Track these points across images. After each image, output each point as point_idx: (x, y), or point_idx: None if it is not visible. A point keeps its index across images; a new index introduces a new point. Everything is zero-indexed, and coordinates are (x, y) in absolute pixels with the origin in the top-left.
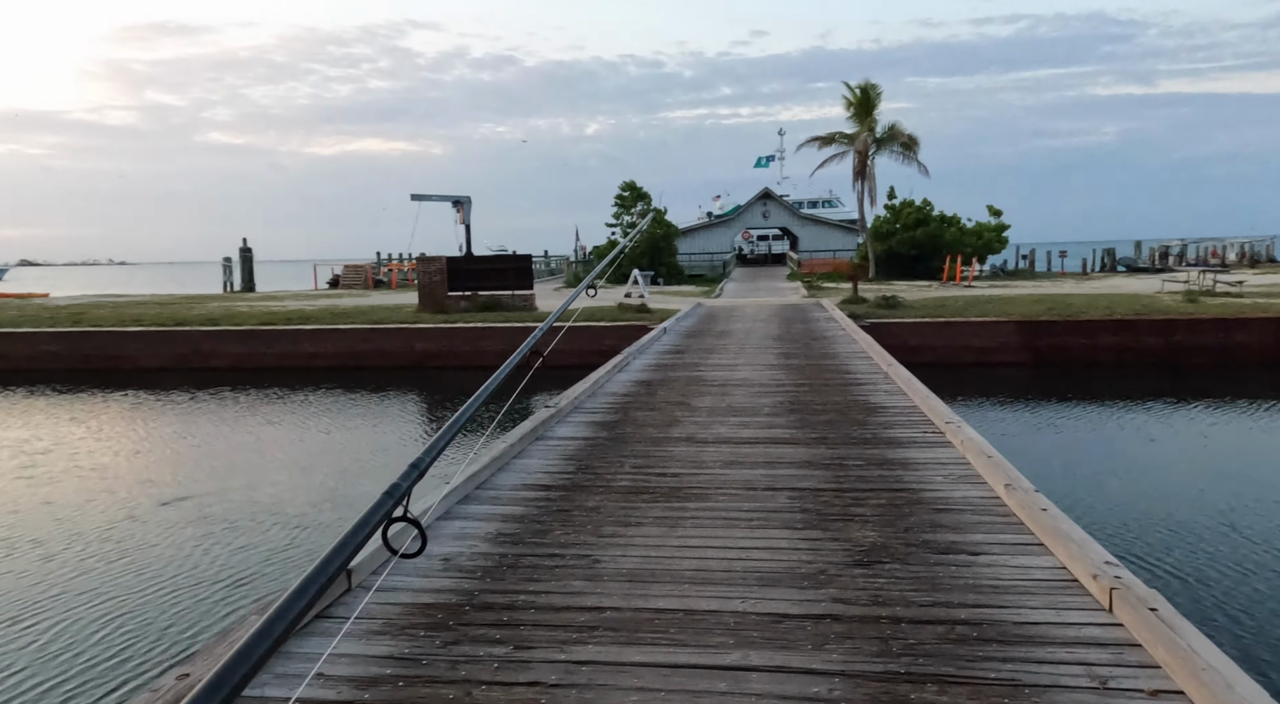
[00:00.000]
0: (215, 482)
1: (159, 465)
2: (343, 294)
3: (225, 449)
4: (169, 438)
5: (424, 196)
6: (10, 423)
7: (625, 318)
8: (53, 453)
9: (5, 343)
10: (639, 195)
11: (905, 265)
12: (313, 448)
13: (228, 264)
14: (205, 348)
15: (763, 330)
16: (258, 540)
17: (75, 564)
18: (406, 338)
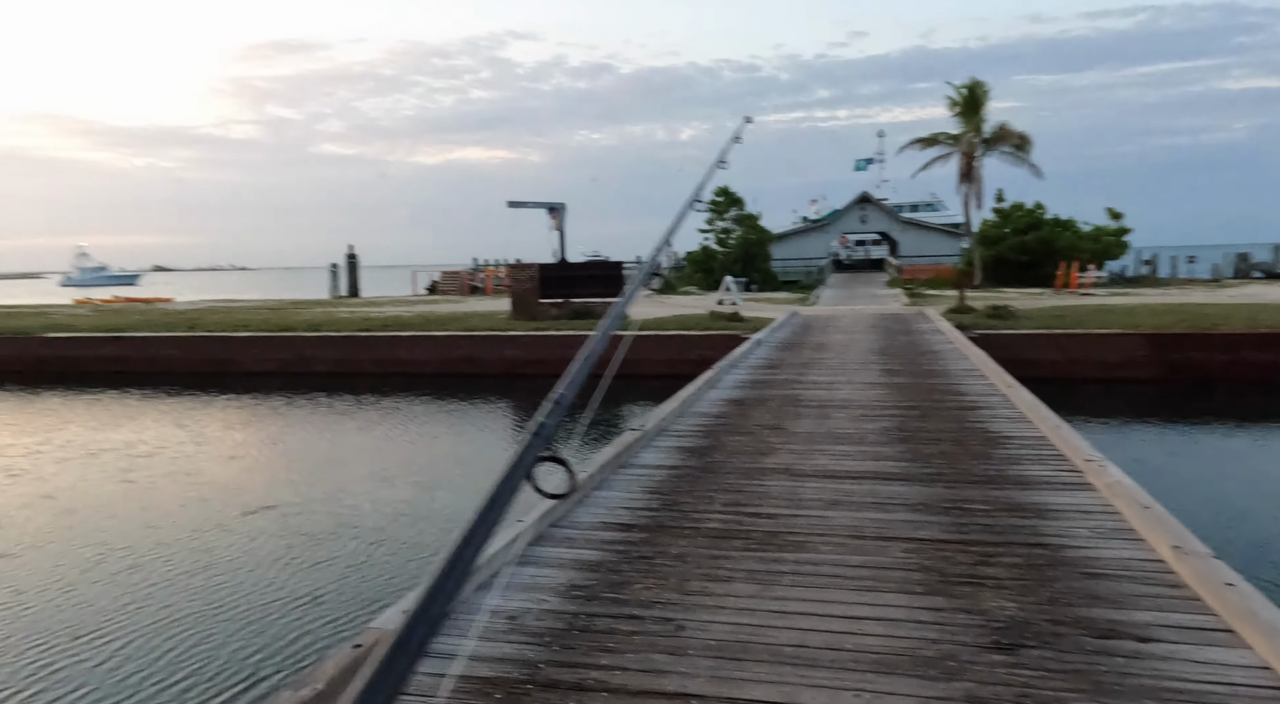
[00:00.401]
0: (299, 491)
1: (248, 472)
2: (439, 300)
3: (313, 457)
4: (262, 443)
5: (520, 203)
6: (121, 425)
7: (717, 327)
8: (153, 457)
9: (126, 347)
10: (732, 200)
11: (1014, 272)
12: (396, 458)
13: (335, 270)
14: (307, 353)
15: (864, 342)
16: (335, 553)
17: (159, 573)
18: (497, 345)
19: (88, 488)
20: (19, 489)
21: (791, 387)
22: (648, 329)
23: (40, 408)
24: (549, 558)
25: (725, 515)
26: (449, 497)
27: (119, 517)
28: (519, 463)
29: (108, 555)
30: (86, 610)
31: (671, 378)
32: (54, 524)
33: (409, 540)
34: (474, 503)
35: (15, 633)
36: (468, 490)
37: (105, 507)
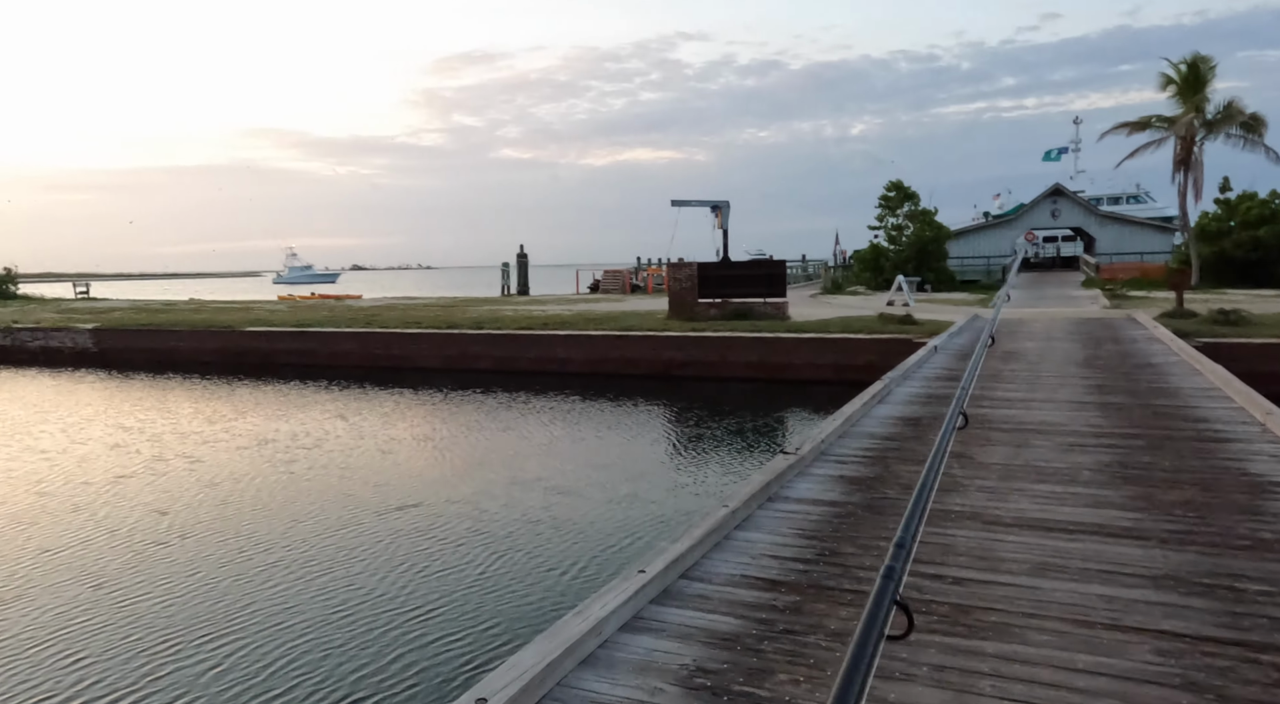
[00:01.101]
0: (438, 491)
1: (394, 468)
2: (600, 299)
3: (458, 456)
4: (414, 439)
5: (683, 202)
6: (292, 416)
7: (887, 330)
8: (312, 450)
9: (311, 341)
10: (906, 195)
11: (1241, 270)
12: (543, 460)
13: (505, 269)
14: (471, 351)
15: (1062, 351)
16: (462, 560)
17: (294, 573)
18: (654, 346)
19: (249, 477)
20: (190, 477)
21: (978, 404)
22: (808, 331)
23: (230, 396)
24: (672, 624)
25: None
26: (588, 505)
27: (270, 509)
28: (876, 607)
29: (252, 548)
30: (220, 604)
31: (833, 385)
32: (210, 514)
33: (542, 549)
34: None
35: (151, 620)
36: (605, 498)
37: (259, 499)
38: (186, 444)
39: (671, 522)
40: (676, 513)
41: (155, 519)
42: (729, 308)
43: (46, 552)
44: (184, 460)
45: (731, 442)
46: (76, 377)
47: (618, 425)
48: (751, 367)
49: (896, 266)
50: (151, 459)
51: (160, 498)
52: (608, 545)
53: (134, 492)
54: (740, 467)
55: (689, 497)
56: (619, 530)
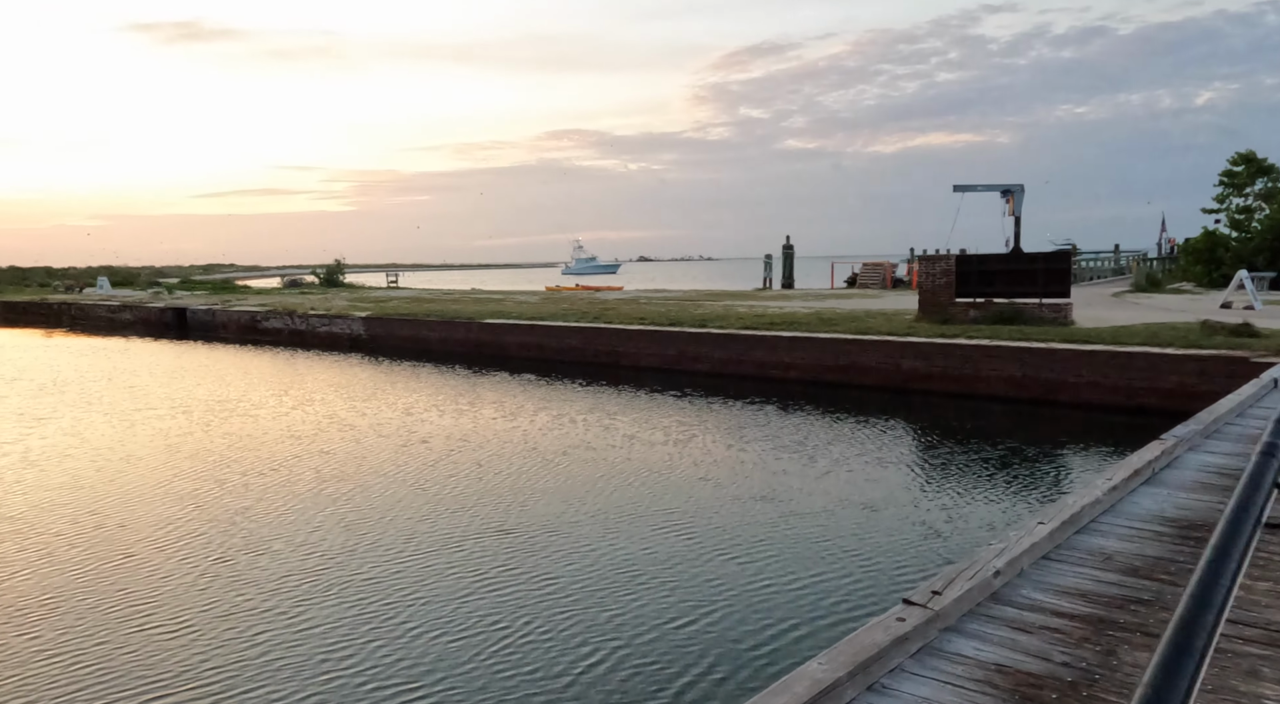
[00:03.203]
0: (567, 513)
1: (553, 478)
2: (851, 295)
3: (625, 471)
4: (589, 448)
5: (968, 187)
6: (484, 408)
7: (1211, 343)
8: (485, 446)
9: (540, 335)
10: (1260, 169)
11: None
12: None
13: (768, 261)
14: (690, 351)
15: None
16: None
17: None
18: (890, 353)
19: (412, 477)
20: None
21: None
22: (1093, 341)
23: (450, 385)
24: None
25: None
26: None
27: (418, 514)
28: (1252, 490)
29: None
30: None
31: (1125, 413)
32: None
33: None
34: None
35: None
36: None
37: (407, 500)
38: (380, 437)
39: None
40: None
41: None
42: (993, 309)
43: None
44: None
45: (960, 486)
46: (344, 362)
47: (827, 449)
48: (1012, 383)
49: (1240, 259)
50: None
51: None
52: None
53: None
54: (949, 538)
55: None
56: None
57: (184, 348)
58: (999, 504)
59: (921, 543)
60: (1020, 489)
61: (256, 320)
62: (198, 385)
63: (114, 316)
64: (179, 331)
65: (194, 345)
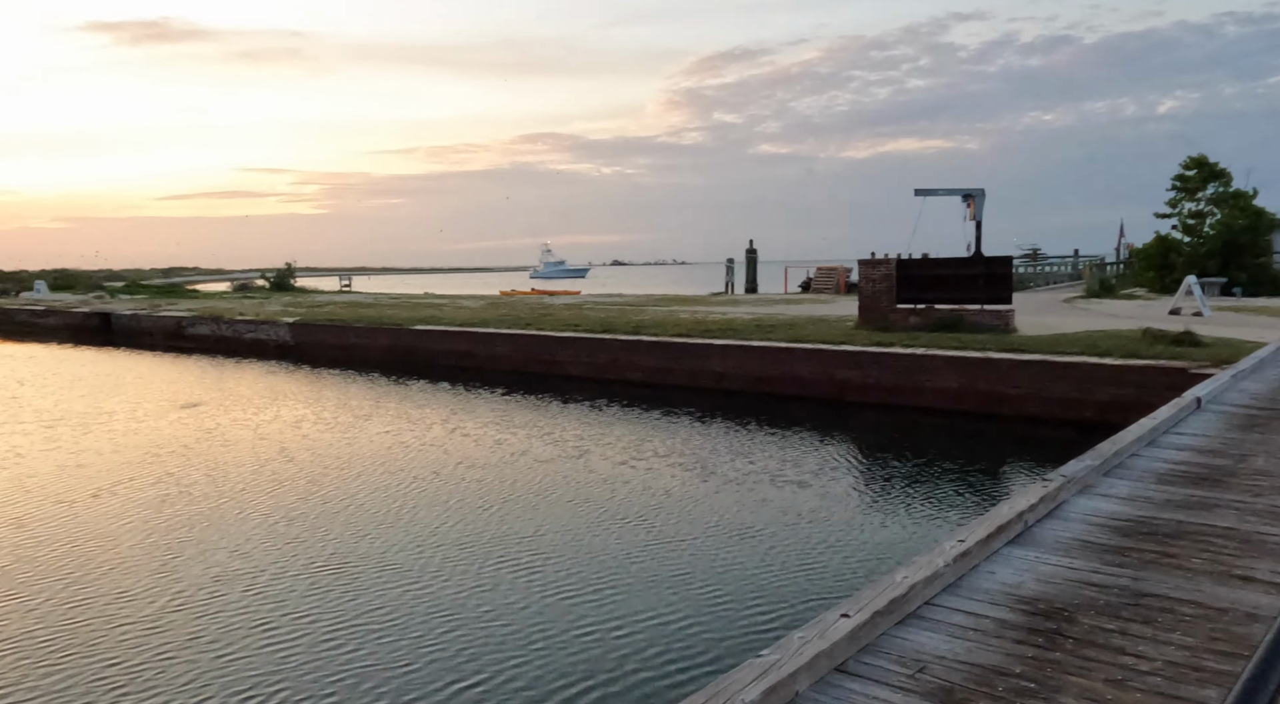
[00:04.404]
0: (464, 528)
1: (451, 500)
2: (804, 300)
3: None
4: (471, 465)
5: (929, 191)
6: (378, 423)
7: (1150, 353)
8: (352, 463)
9: (470, 342)
10: (1212, 173)
11: None
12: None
13: (730, 265)
14: (621, 359)
15: None
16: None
17: None
18: (824, 362)
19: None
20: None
21: (1243, 536)
22: (1032, 350)
23: (358, 394)
24: None
25: None
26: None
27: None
28: None
29: None
30: None
31: (1066, 426)
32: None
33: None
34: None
35: None
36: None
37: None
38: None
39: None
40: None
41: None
42: (934, 316)
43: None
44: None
45: (873, 511)
46: (262, 370)
47: (729, 461)
48: (949, 395)
49: (1192, 264)
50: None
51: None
52: None
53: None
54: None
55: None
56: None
57: (101, 355)
58: (912, 528)
59: (798, 576)
60: (937, 512)
61: (182, 326)
62: (82, 397)
63: (37, 321)
64: (104, 337)
65: (114, 352)
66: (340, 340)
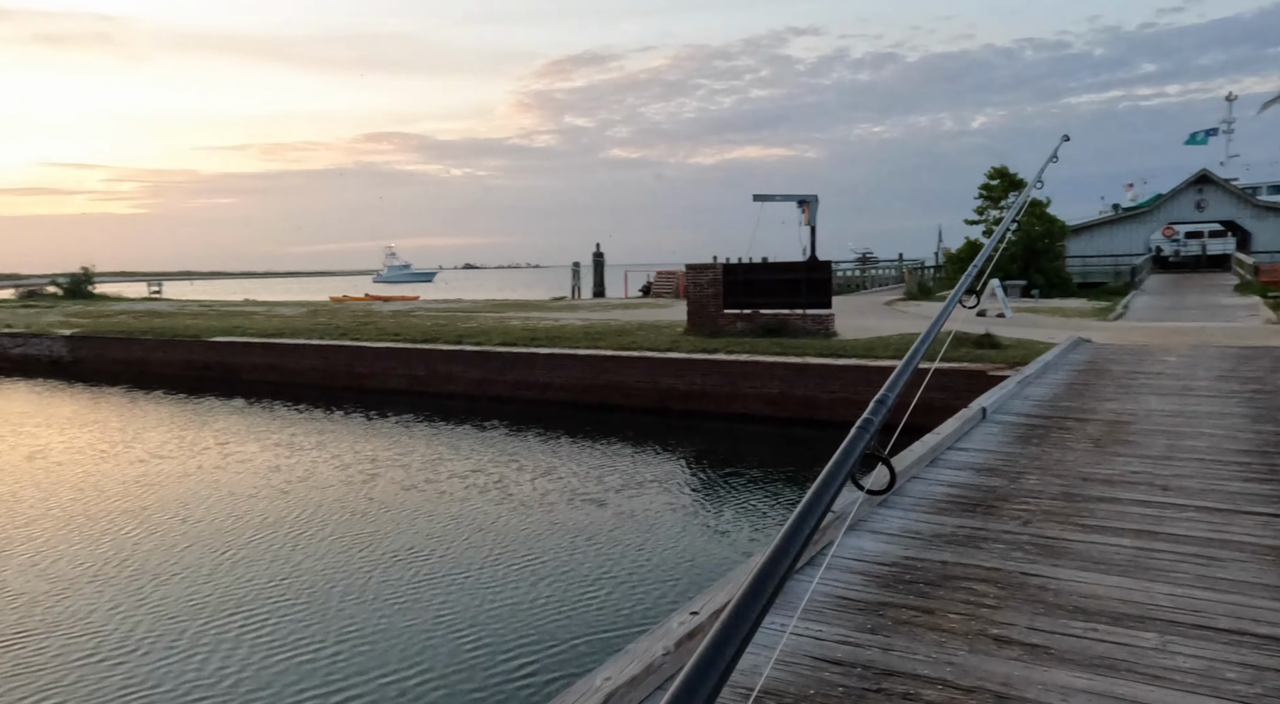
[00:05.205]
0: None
1: (191, 541)
2: (641, 304)
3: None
4: (266, 492)
5: (766, 197)
6: (168, 446)
7: (955, 354)
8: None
9: (276, 355)
10: (1012, 183)
11: None
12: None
13: (576, 269)
14: (442, 371)
15: (1214, 416)
16: None
17: None
18: (649, 370)
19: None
20: None
21: (1043, 564)
22: (848, 354)
23: (132, 415)
24: None
25: None
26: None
27: None
28: (847, 453)
29: None
30: None
31: (882, 430)
32: None
33: None
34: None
35: None
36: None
37: None
38: None
39: None
40: None
41: None
42: (759, 321)
43: None
44: None
45: (669, 527)
46: (21, 388)
47: (534, 478)
48: (771, 401)
49: (997, 267)
50: None
51: None
52: None
53: None
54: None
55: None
56: None
57: None
58: (712, 549)
59: (580, 614)
60: (740, 529)
61: None
62: None
63: None
64: None
65: None
66: (127, 354)
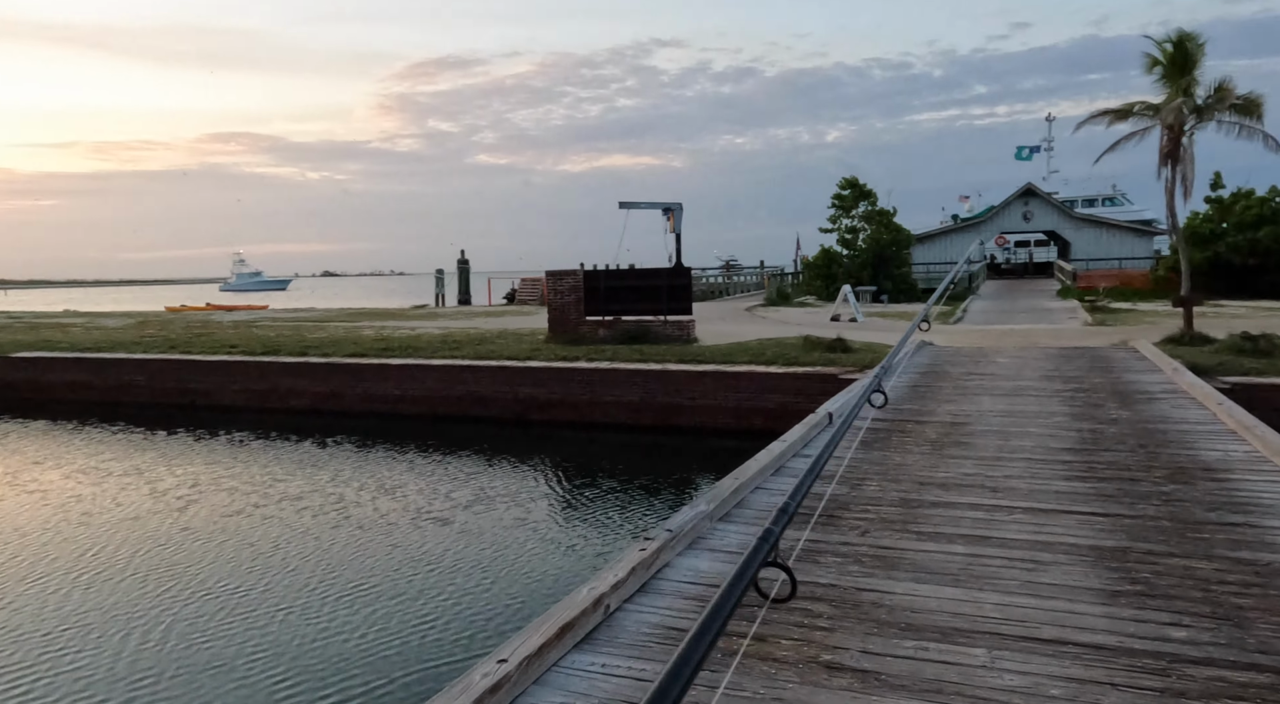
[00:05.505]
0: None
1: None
2: (506, 312)
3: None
4: (57, 523)
5: (632, 204)
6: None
7: (808, 359)
8: None
9: (91, 371)
10: (862, 193)
11: (1239, 278)
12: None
13: (440, 277)
14: (284, 385)
15: (1040, 416)
16: None
17: None
18: (508, 380)
19: None
20: None
21: (886, 574)
22: (707, 360)
23: None
24: None
25: None
26: None
27: None
28: (747, 565)
29: None
30: None
31: (737, 437)
32: None
33: None
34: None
35: None
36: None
37: None
38: None
39: None
40: None
41: None
42: (620, 328)
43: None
44: None
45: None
46: None
47: (384, 505)
48: (632, 409)
49: (850, 273)
50: None
51: None
52: None
53: None
54: None
55: None
56: None
57: None
58: (556, 572)
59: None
60: (588, 543)
61: None
62: None
63: None
64: None
65: None
66: None
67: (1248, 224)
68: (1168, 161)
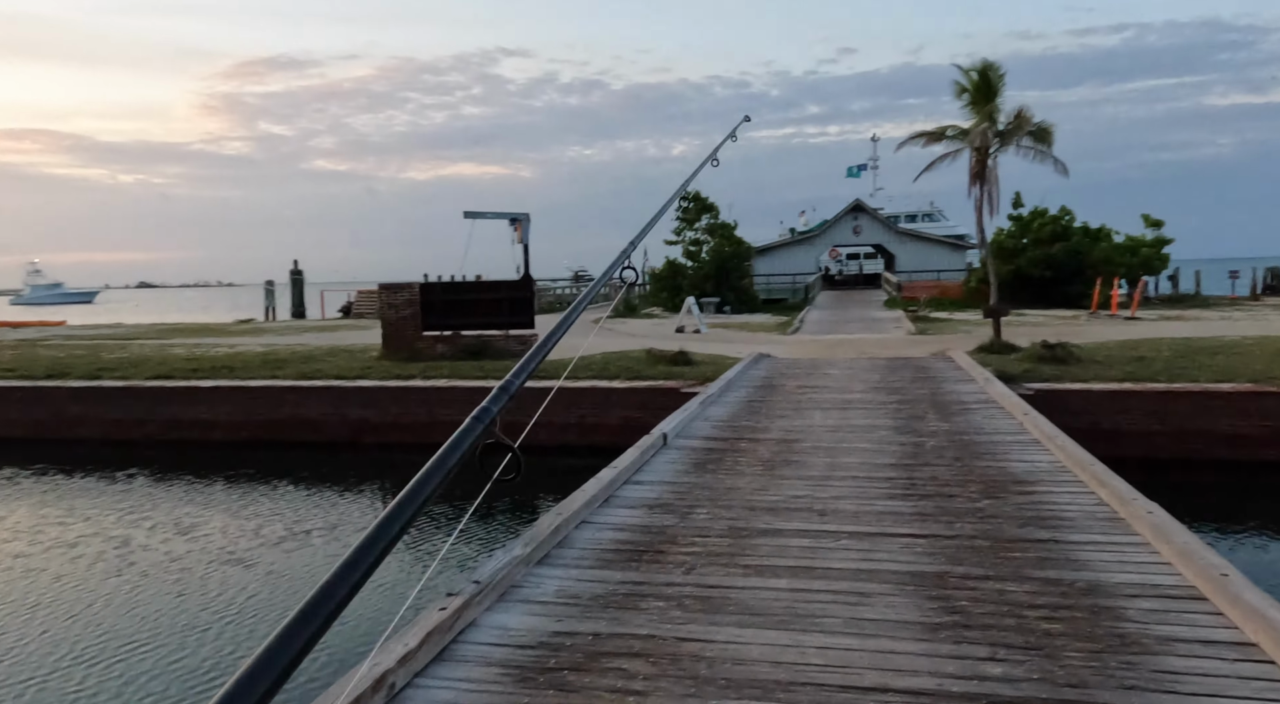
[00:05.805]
0: None
1: None
2: (340, 327)
3: None
4: None
5: (478, 214)
6: None
7: (651, 373)
8: None
9: None
10: (704, 207)
11: (1038, 289)
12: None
13: (270, 289)
14: (70, 413)
15: (867, 430)
16: None
17: None
18: (337, 401)
19: None
20: None
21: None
22: (555, 376)
23: None
24: None
25: None
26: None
27: None
28: (457, 443)
29: None
30: None
31: (583, 454)
32: None
33: None
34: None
35: None
36: None
37: None
38: None
39: None
40: None
41: None
42: (461, 342)
43: None
44: None
45: None
46: None
47: (178, 547)
48: None
49: (695, 285)
50: None
51: None
52: None
53: None
54: None
55: None
56: None
57: None
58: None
59: None
60: (408, 587)
61: None
62: None
63: None
64: None
65: None
66: None
67: (1044, 240)
68: (976, 181)
